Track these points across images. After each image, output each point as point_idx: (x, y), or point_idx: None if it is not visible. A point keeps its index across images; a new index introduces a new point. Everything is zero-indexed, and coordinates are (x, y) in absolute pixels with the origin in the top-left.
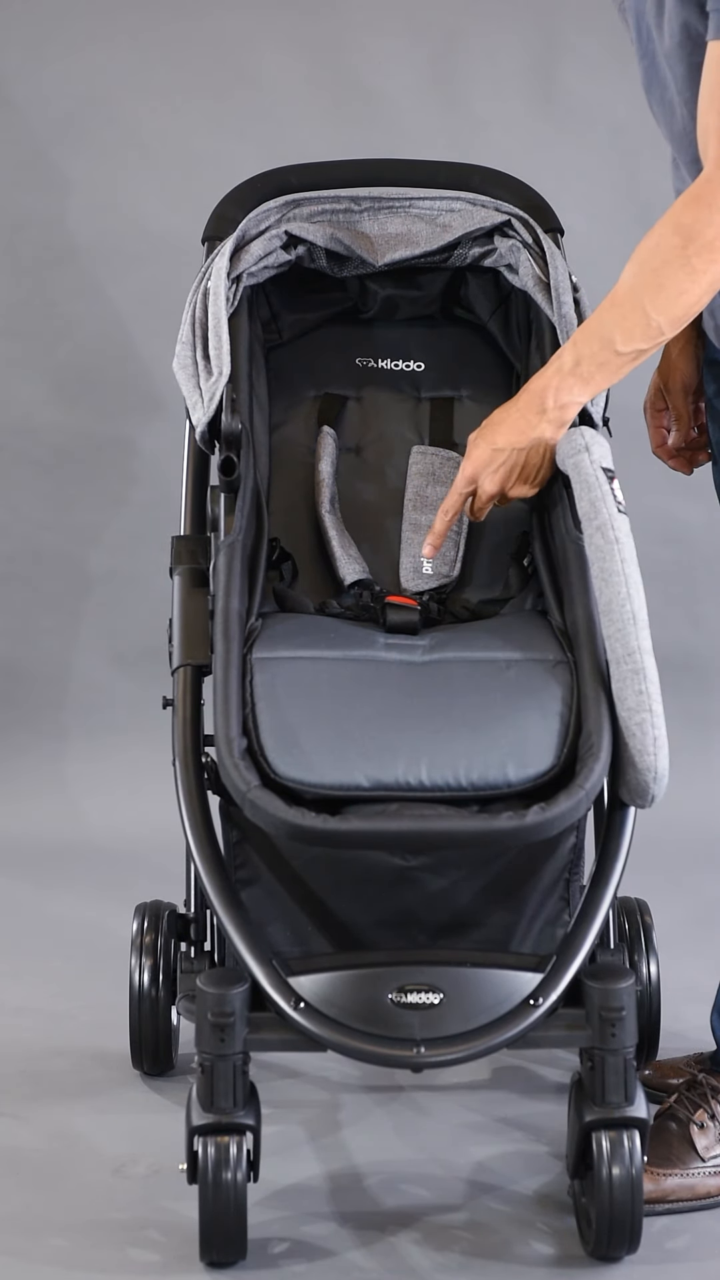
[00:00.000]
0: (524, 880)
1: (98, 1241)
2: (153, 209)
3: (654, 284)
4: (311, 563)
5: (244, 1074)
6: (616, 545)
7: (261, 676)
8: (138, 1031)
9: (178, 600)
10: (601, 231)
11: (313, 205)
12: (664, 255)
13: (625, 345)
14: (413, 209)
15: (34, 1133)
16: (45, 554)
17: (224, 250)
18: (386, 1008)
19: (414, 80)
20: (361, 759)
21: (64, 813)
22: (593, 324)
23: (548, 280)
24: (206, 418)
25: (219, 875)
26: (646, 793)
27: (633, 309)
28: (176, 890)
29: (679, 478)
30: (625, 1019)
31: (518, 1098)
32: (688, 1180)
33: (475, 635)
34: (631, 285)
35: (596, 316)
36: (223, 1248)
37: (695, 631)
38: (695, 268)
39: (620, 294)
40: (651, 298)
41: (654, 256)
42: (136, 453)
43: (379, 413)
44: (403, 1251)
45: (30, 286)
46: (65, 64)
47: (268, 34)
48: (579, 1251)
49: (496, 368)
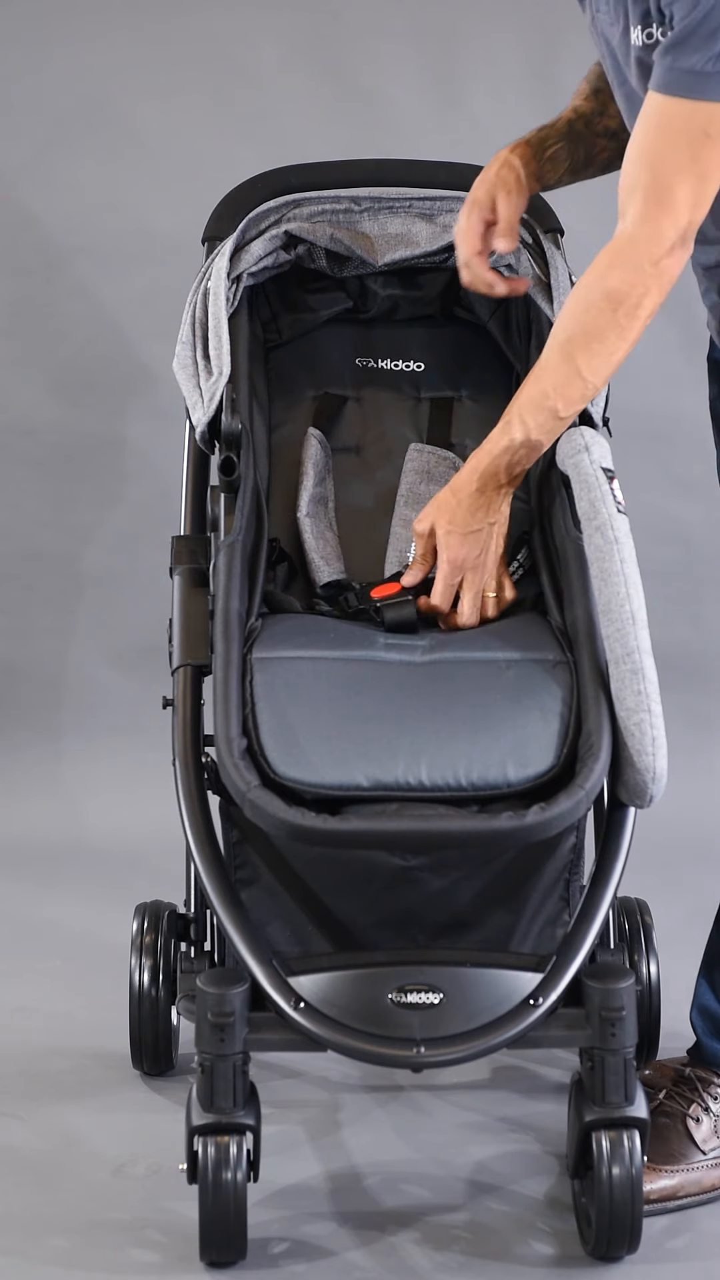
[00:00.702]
0: (524, 880)
1: (98, 1241)
2: (153, 209)
3: (586, 349)
4: (304, 565)
5: (244, 1074)
6: (616, 545)
7: (261, 676)
8: (138, 1031)
9: (178, 600)
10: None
11: (313, 205)
12: (595, 321)
13: (566, 410)
14: (413, 209)
15: (34, 1133)
16: (44, 554)
17: (224, 250)
18: (386, 1008)
19: (414, 80)
20: (361, 759)
21: (63, 813)
22: (534, 395)
23: (548, 281)
24: (206, 418)
25: (219, 875)
26: (645, 793)
27: (569, 375)
28: (176, 890)
29: (679, 478)
30: (625, 1019)
31: (518, 1098)
32: (693, 1175)
33: (475, 635)
34: (565, 351)
35: (535, 387)
36: (223, 1248)
37: (695, 631)
38: (624, 328)
39: (553, 361)
40: (586, 361)
41: (585, 322)
42: (136, 453)
43: (379, 413)
44: (403, 1251)
45: (30, 286)
46: (65, 64)
47: (268, 34)
48: (579, 1251)
49: (497, 368)
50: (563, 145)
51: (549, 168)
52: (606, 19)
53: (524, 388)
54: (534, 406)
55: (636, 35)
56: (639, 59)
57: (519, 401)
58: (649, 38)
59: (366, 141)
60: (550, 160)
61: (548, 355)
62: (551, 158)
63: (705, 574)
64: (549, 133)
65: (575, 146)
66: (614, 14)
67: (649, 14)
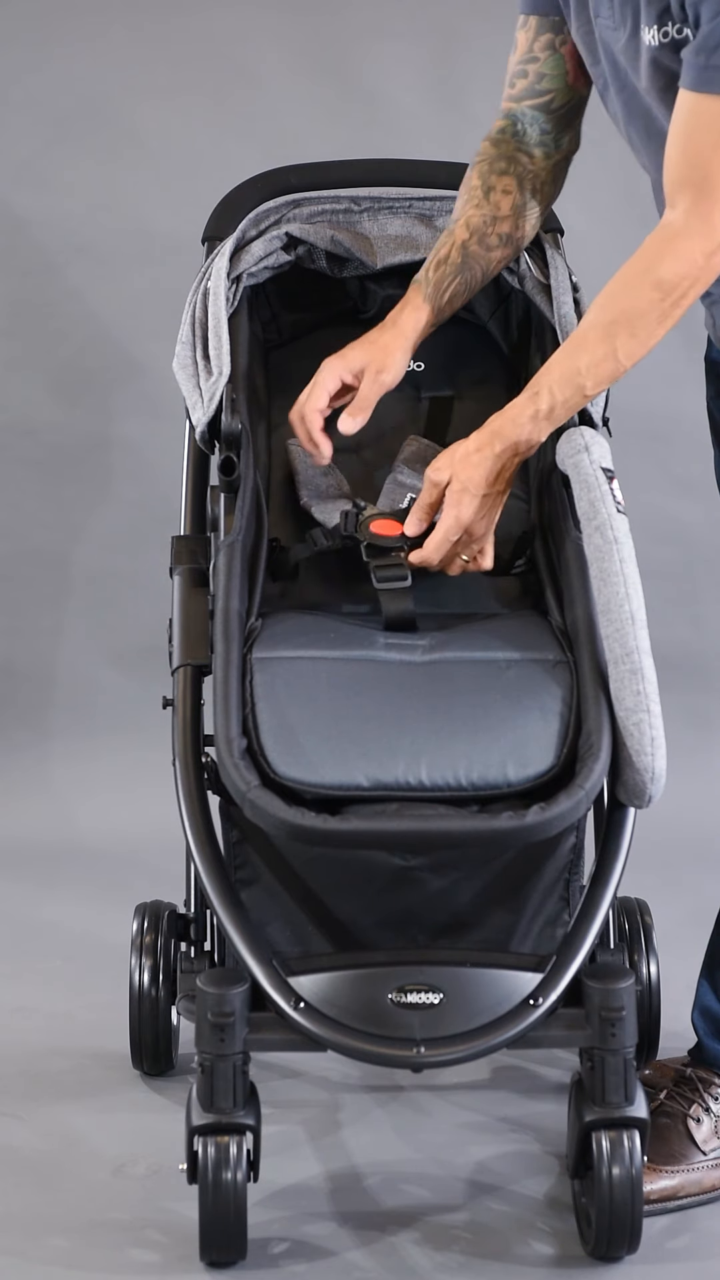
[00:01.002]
0: (524, 880)
1: (98, 1241)
2: (153, 209)
3: (629, 332)
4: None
5: (244, 1074)
6: (615, 545)
7: (261, 676)
8: (138, 1031)
9: (178, 600)
10: (601, 231)
11: (313, 206)
12: (641, 307)
13: (593, 389)
14: (412, 210)
15: (34, 1133)
16: (44, 553)
17: (224, 250)
18: (386, 1008)
19: (414, 80)
20: (361, 759)
21: (62, 813)
22: (567, 371)
23: (547, 281)
24: (206, 418)
25: (219, 875)
26: (643, 793)
27: (606, 355)
28: (176, 890)
29: (678, 478)
30: (625, 1019)
31: (518, 1098)
32: (693, 1175)
33: (475, 635)
34: (608, 332)
35: (568, 363)
36: (223, 1248)
37: (695, 631)
38: (667, 316)
39: (592, 339)
40: (625, 344)
41: (630, 307)
42: (136, 453)
43: (378, 412)
44: (403, 1251)
45: (30, 286)
46: (65, 64)
47: (268, 34)
48: (579, 1251)
49: (496, 368)
50: (459, 279)
51: (447, 309)
52: (608, 24)
53: (555, 362)
54: (565, 380)
55: (651, 35)
56: (653, 59)
57: (550, 374)
58: (665, 36)
59: (366, 141)
60: (449, 302)
61: (587, 333)
62: (450, 299)
63: (705, 574)
64: (443, 272)
65: (471, 272)
66: (619, 17)
67: (667, 12)
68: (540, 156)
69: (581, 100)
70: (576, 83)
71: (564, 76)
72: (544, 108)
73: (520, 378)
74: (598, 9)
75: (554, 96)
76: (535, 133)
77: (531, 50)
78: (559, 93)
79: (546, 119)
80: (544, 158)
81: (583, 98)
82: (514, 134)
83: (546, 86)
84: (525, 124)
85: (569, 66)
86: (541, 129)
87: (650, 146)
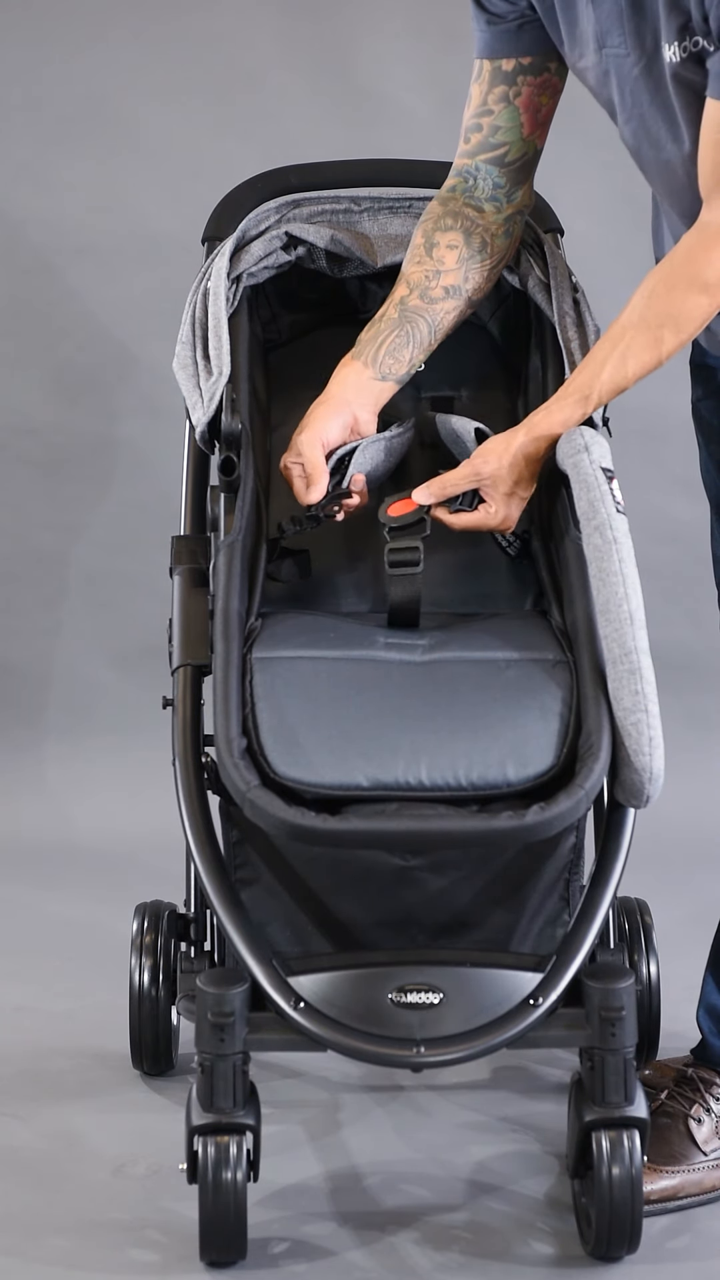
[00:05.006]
0: (524, 880)
1: (98, 1241)
2: (153, 209)
3: (676, 332)
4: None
5: (244, 1074)
6: (614, 545)
7: (261, 676)
8: (138, 1031)
9: (177, 600)
10: (601, 231)
11: (313, 205)
12: (687, 308)
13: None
14: (413, 209)
15: (34, 1133)
16: (44, 553)
17: (224, 250)
18: (386, 1007)
19: (414, 80)
20: (361, 759)
21: (61, 813)
22: (617, 379)
23: (548, 281)
24: (206, 418)
25: (219, 875)
26: (641, 793)
27: (654, 360)
28: (176, 890)
29: (678, 478)
30: (625, 1019)
31: (518, 1098)
32: (694, 1175)
33: (475, 635)
34: (656, 336)
35: (618, 370)
36: (223, 1248)
37: (695, 631)
38: (709, 316)
39: (639, 345)
40: (673, 344)
41: (676, 308)
42: (135, 453)
43: (380, 413)
44: (403, 1251)
45: (30, 286)
46: (65, 64)
47: (268, 34)
48: (579, 1251)
49: (496, 367)
50: (396, 334)
51: (391, 362)
52: (619, 50)
53: (604, 369)
54: (615, 388)
55: (672, 51)
56: (676, 74)
57: (600, 380)
58: (685, 51)
59: (366, 141)
60: (390, 355)
61: (635, 338)
62: (391, 352)
63: (704, 574)
64: (379, 328)
65: (413, 325)
66: (629, 44)
67: (687, 26)
68: (490, 211)
69: (536, 153)
70: (532, 135)
71: (519, 129)
72: (498, 161)
73: (520, 377)
74: (606, 37)
75: (508, 149)
76: (488, 187)
77: (485, 103)
78: (513, 145)
79: (500, 173)
80: (494, 212)
81: (537, 151)
82: (464, 190)
83: (501, 139)
84: (478, 179)
85: (525, 119)
86: (495, 183)
87: (665, 175)
